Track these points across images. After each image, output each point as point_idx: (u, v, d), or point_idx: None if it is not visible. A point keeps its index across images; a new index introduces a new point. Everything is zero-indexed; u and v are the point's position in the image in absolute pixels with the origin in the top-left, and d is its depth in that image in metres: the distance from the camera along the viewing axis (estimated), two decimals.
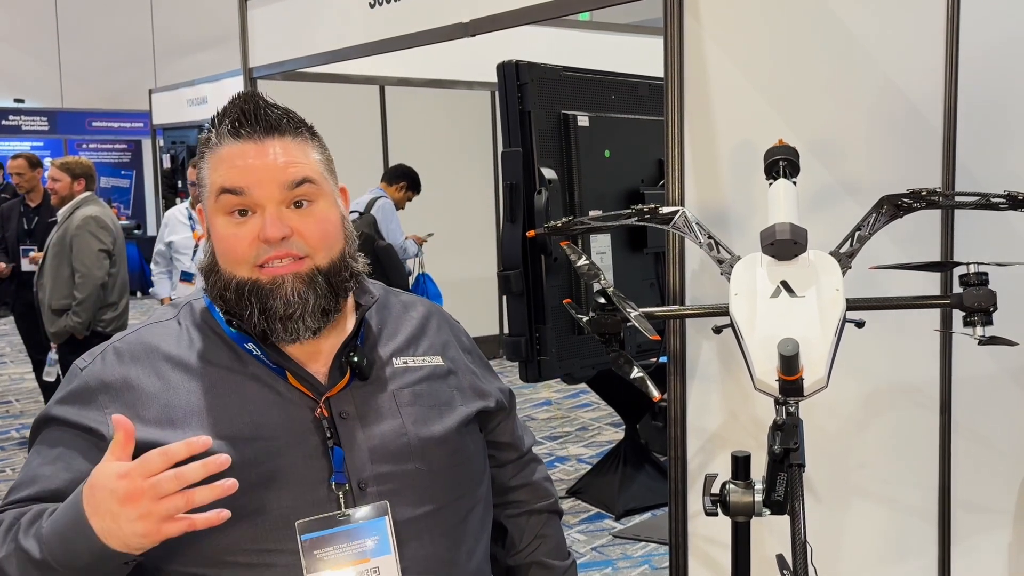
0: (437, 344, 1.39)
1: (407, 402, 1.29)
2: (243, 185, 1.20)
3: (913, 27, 2.18)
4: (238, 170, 1.21)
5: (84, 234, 4.78)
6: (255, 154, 1.21)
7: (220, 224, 1.22)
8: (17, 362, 8.46)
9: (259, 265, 1.21)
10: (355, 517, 1.20)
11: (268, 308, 1.21)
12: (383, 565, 1.20)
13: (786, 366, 1.46)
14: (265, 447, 1.19)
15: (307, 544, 1.17)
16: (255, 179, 1.20)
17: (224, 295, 1.23)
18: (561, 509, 1.55)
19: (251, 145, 1.22)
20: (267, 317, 1.21)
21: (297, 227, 1.22)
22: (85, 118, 14.68)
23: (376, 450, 1.24)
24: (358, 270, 1.30)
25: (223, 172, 1.21)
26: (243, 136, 1.22)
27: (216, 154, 1.23)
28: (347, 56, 4.06)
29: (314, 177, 1.24)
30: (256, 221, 1.21)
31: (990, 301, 1.68)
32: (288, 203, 1.22)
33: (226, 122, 1.23)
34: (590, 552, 3.97)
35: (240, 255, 1.21)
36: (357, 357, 1.26)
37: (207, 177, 1.24)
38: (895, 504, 2.32)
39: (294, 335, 1.22)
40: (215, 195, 1.22)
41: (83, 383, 1.23)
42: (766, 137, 1.93)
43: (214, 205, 1.22)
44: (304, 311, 1.21)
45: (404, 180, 6.15)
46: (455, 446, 1.30)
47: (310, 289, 1.22)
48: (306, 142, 1.27)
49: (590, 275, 1.88)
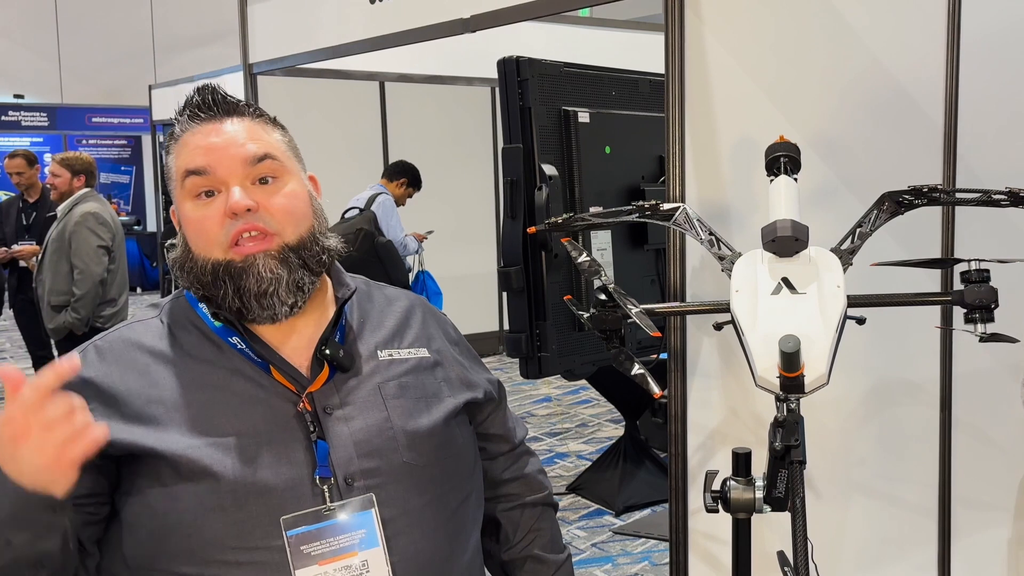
0: (422, 336, 1.38)
1: (393, 395, 1.28)
2: (205, 164, 1.22)
3: (914, 23, 2.18)
4: (200, 150, 1.22)
5: (83, 230, 4.77)
6: (215, 133, 1.23)
7: (188, 208, 1.23)
8: (17, 358, 8.47)
9: (232, 245, 1.21)
10: (341, 511, 1.19)
11: (242, 287, 1.20)
12: (371, 559, 1.19)
13: (787, 363, 1.46)
14: (249, 442, 1.18)
15: (293, 540, 1.16)
16: (216, 157, 1.22)
17: (201, 279, 1.23)
18: (556, 502, 1.53)
19: (210, 125, 1.24)
20: (241, 296, 1.21)
21: (263, 202, 1.22)
22: (85, 114, 14.66)
23: (361, 444, 1.23)
24: (330, 246, 1.29)
25: (185, 155, 1.23)
26: (202, 119, 1.24)
27: (180, 142, 1.25)
28: (347, 52, 4.06)
29: (275, 153, 1.25)
30: (222, 199, 1.21)
31: (991, 298, 1.68)
32: (253, 180, 1.23)
33: (186, 112, 1.26)
34: (590, 548, 3.98)
35: (211, 235, 1.21)
36: (330, 350, 1.25)
37: (172, 166, 1.26)
38: (895, 500, 2.32)
39: (270, 311, 1.22)
40: (180, 180, 1.23)
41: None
42: (767, 133, 1.93)
43: (181, 191, 1.24)
44: (278, 287, 1.21)
45: (405, 176, 6.14)
46: (443, 438, 1.29)
47: (283, 265, 1.22)
48: (267, 124, 1.28)
49: (591, 271, 1.88)
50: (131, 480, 1.18)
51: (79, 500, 1.16)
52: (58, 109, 14.47)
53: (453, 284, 6.78)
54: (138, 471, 1.18)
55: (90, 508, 1.18)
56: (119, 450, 1.17)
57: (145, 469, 1.17)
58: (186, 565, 1.16)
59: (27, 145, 12.35)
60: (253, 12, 4.69)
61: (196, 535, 1.15)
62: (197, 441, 1.17)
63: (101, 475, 1.18)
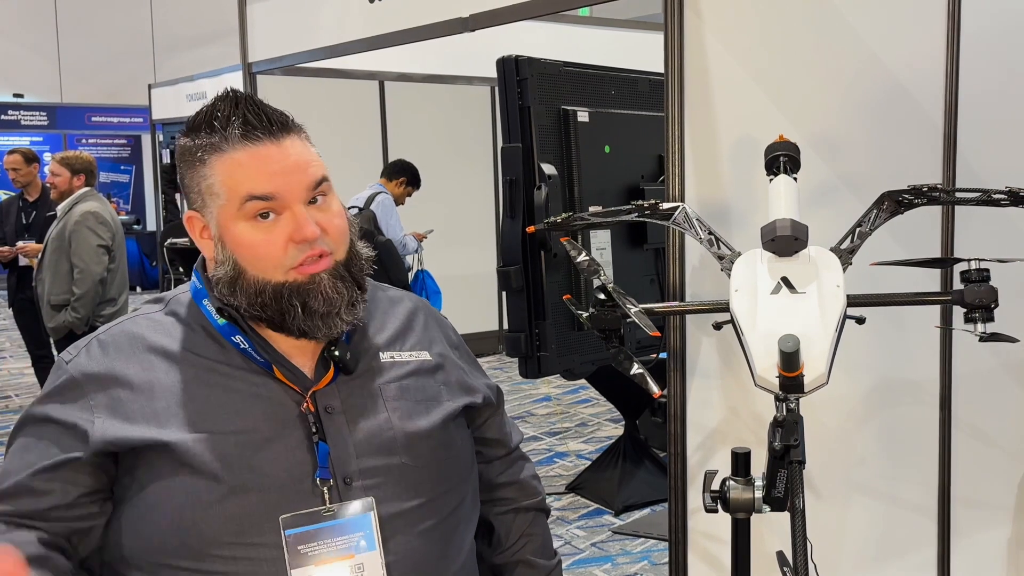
0: (424, 339, 1.38)
1: (393, 396, 1.29)
2: (273, 190, 1.18)
3: (914, 22, 2.18)
4: (266, 175, 1.18)
5: (83, 230, 4.77)
6: (278, 156, 1.19)
7: (245, 230, 1.20)
8: (17, 357, 8.46)
9: (293, 267, 1.20)
10: (340, 513, 1.19)
11: (310, 307, 1.20)
12: (368, 561, 1.19)
13: (787, 362, 1.46)
14: (249, 440, 1.19)
15: (291, 539, 1.17)
16: (284, 183, 1.19)
17: (258, 299, 1.21)
18: (548, 507, 1.54)
19: (271, 148, 1.19)
20: (309, 315, 1.21)
21: (323, 224, 1.22)
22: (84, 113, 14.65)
23: (361, 444, 1.24)
24: (368, 255, 1.30)
25: (243, 180, 1.19)
26: (259, 139, 1.19)
27: (227, 159, 1.19)
28: (346, 51, 4.06)
29: (327, 174, 1.25)
30: (285, 223, 1.19)
31: (991, 297, 1.68)
32: (308, 200, 1.22)
33: (234, 124, 1.19)
34: (589, 548, 3.97)
35: (275, 260, 1.20)
36: (339, 352, 1.26)
37: (220, 184, 1.20)
38: (895, 500, 2.32)
39: (333, 329, 1.23)
40: (239, 202, 1.19)
41: (69, 377, 1.23)
42: (767, 133, 1.93)
43: (236, 212, 1.19)
44: (342, 306, 1.22)
45: (404, 175, 6.14)
46: (441, 440, 1.30)
47: (343, 284, 1.23)
48: (307, 137, 1.27)
49: (590, 271, 1.88)
50: (131, 475, 1.19)
51: (80, 499, 1.18)
52: (58, 108, 14.46)
53: (452, 283, 6.78)
54: (138, 466, 1.18)
55: (92, 507, 1.19)
56: (119, 446, 1.17)
57: (145, 464, 1.18)
58: (184, 559, 1.17)
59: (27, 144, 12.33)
60: (252, 11, 4.69)
61: (194, 530, 1.15)
62: (198, 436, 1.17)
63: (101, 472, 1.19)
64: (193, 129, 1.22)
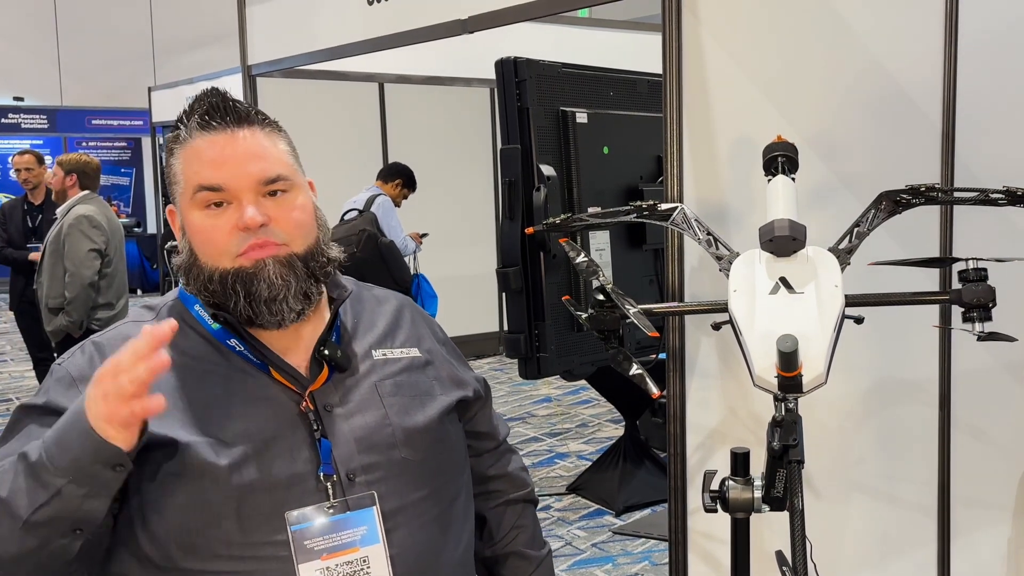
0: (413, 336, 1.41)
1: (389, 392, 1.31)
2: (219, 182, 1.21)
3: (912, 22, 2.18)
4: (213, 165, 1.22)
5: (75, 233, 4.77)
6: (228, 144, 1.22)
7: (197, 218, 1.23)
8: (18, 360, 8.47)
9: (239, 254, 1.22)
10: (344, 508, 1.22)
11: (253, 292, 1.22)
12: (372, 555, 1.22)
13: (785, 362, 1.46)
14: (253, 441, 1.20)
15: (297, 534, 1.18)
16: (230, 173, 1.22)
17: (208, 287, 1.23)
18: (536, 498, 1.57)
19: (222, 136, 1.22)
20: (252, 301, 1.22)
21: (274, 215, 1.23)
22: (84, 116, 14.67)
23: (362, 440, 1.26)
24: (334, 256, 1.31)
25: (198, 169, 1.22)
26: (214, 128, 1.22)
27: (187, 148, 1.23)
28: (345, 53, 4.06)
29: (286, 173, 1.26)
30: (233, 211, 1.22)
31: (989, 297, 1.68)
32: (264, 193, 1.24)
33: (195, 116, 1.23)
34: (590, 548, 3.97)
35: (220, 246, 1.22)
36: (329, 351, 1.28)
37: (180, 173, 1.24)
38: (894, 500, 2.32)
39: (279, 316, 1.23)
40: (191, 192, 1.22)
41: (64, 374, 1.24)
42: (765, 133, 1.93)
43: (190, 200, 1.23)
44: (287, 293, 1.22)
45: (400, 177, 6.13)
46: (438, 435, 1.33)
47: (291, 272, 1.23)
48: (275, 132, 1.29)
49: (589, 272, 1.88)
50: (136, 481, 1.18)
51: None
52: (58, 111, 14.48)
53: (453, 285, 6.78)
54: (143, 472, 1.17)
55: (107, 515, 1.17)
56: None
57: (149, 470, 1.17)
58: (192, 562, 1.17)
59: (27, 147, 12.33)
60: (252, 14, 4.70)
61: (202, 532, 1.16)
62: (203, 439, 1.18)
63: None
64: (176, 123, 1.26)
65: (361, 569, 1.21)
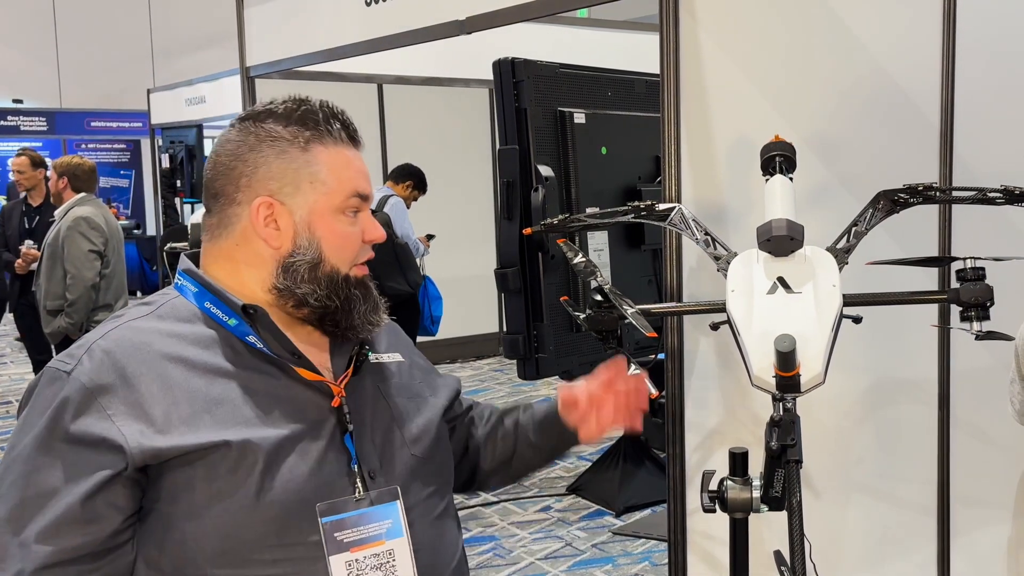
0: (393, 343, 1.45)
1: (391, 394, 1.36)
2: (369, 193, 1.32)
3: (910, 22, 2.18)
4: (363, 177, 1.31)
5: (74, 235, 4.76)
6: (363, 165, 1.33)
7: (341, 222, 1.28)
8: (17, 362, 8.46)
9: (356, 264, 1.30)
10: (370, 501, 1.25)
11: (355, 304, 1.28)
12: (397, 547, 1.26)
13: (783, 362, 1.46)
14: (280, 440, 1.18)
15: (328, 527, 1.20)
16: (369, 188, 1.32)
17: (330, 287, 1.27)
18: None
19: (359, 155, 1.33)
20: (351, 310, 1.28)
21: None
22: (84, 118, 14.64)
23: (378, 438, 1.30)
24: None
25: (353, 176, 1.29)
26: (355, 144, 1.32)
27: (336, 152, 1.28)
28: (344, 54, 4.06)
29: None
30: (359, 223, 1.30)
31: (987, 296, 1.68)
32: None
33: (335, 124, 1.29)
34: (590, 549, 3.97)
35: (352, 253, 1.29)
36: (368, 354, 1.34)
37: (327, 172, 1.26)
38: (894, 499, 2.32)
39: (371, 329, 1.32)
40: (346, 196, 1.27)
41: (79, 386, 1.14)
42: (762, 133, 1.93)
43: (339, 203, 1.27)
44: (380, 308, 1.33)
45: (411, 179, 6.11)
46: (437, 434, 1.38)
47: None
48: None
49: (587, 272, 1.88)
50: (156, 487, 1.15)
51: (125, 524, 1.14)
52: (57, 114, 14.46)
53: (452, 286, 6.77)
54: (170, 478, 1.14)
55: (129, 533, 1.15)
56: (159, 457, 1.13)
57: (178, 475, 1.14)
58: (224, 568, 1.15)
59: None
60: (250, 15, 4.69)
61: (235, 536, 1.14)
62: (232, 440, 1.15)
63: (139, 489, 1.15)
64: (282, 117, 1.27)
65: (387, 562, 1.24)
